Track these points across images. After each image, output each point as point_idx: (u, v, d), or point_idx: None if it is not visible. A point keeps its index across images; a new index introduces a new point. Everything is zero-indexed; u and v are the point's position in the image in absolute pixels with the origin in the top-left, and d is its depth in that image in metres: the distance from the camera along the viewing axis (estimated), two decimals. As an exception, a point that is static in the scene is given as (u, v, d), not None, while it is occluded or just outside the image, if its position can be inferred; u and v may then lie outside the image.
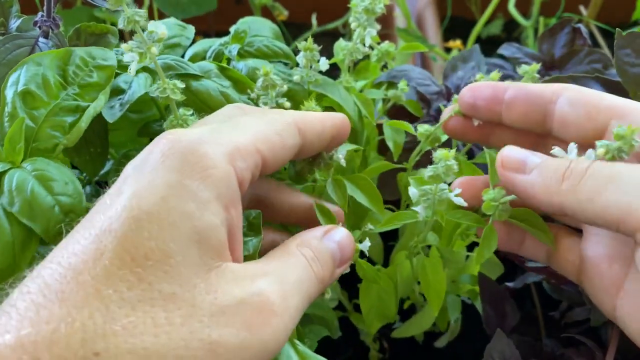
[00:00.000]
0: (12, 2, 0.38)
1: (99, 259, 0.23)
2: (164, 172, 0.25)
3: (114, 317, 0.22)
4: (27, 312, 0.22)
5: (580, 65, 0.51)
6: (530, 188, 0.30)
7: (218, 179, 0.25)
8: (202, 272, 0.24)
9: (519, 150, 0.31)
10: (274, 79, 0.36)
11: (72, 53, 0.34)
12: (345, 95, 0.41)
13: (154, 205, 0.24)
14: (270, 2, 0.84)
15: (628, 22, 0.85)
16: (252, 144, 0.28)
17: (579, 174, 0.28)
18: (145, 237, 0.23)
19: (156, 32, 0.32)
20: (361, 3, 0.40)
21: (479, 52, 0.53)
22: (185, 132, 0.27)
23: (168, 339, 0.22)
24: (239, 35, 0.42)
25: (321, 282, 0.29)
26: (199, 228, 0.24)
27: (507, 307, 0.42)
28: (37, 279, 0.23)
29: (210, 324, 0.23)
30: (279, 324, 0.25)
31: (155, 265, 0.23)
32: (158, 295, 0.23)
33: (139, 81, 0.35)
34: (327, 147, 0.34)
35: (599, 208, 0.27)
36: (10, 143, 0.30)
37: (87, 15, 0.78)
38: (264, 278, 0.26)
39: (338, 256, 0.30)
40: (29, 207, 0.29)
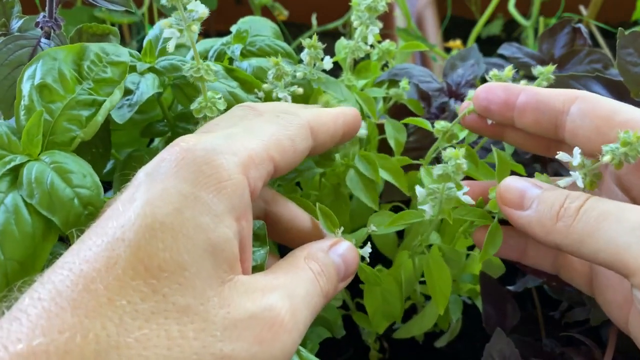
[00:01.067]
0: (13, 3, 0.38)
1: (112, 268, 0.23)
2: (177, 182, 0.25)
3: (127, 328, 0.22)
4: (39, 320, 0.21)
5: (581, 65, 0.51)
6: (527, 225, 0.30)
7: (232, 191, 0.25)
8: (215, 284, 0.24)
9: (518, 182, 0.31)
10: (285, 67, 0.36)
11: (86, 49, 0.34)
12: (347, 94, 0.41)
13: (167, 215, 0.24)
14: (270, 2, 0.84)
15: (628, 22, 0.85)
16: (265, 150, 0.28)
17: (572, 214, 0.28)
18: (160, 248, 0.23)
19: (196, 11, 0.31)
20: (363, 1, 0.40)
21: (477, 51, 0.53)
22: (199, 140, 0.27)
23: (181, 352, 0.22)
24: (241, 35, 0.42)
25: (325, 297, 0.29)
26: (213, 241, 0.24)
27: (507, 307, 0.42)
28: (48, 285, 0.23)
29: (223, 339, 0.23)
30: (288, 339, 0.25)
31: (170, 277, 0.23)
32: (172, 308, 0.23)
33: (146, 82, 0.36)
34: (340, 142, 0.34)
35: (591, 250, 0.27)
36: (28, 135, 0.30)
37: (87, 15, 0.78)
38: (275, 292, 0.26)
39: (342, 270, 0.30)
40: (48, 199, 0.29)
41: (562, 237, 0.28)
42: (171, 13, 0.32)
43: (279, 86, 0.37)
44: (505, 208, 0.31)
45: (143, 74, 0.37)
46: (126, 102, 0.35)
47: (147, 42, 0.39)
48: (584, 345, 0.39)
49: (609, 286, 0.32)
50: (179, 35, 0.32)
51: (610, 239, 0.26)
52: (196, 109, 0.34)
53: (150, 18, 0.82)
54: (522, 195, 0.30)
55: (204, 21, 0.33)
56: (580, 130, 0.31)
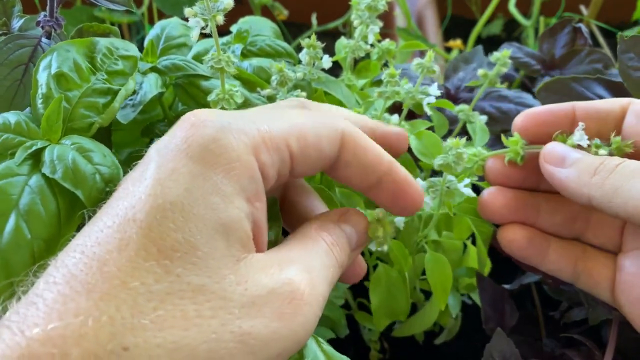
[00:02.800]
0: (14, 2, 0.38)
1: (124, 249, 0.22)
2: (187, 161, 0.25)
3: (142, 310, 0.21)
4: (55, 304, 0.21)
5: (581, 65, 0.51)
6: (565, 180, 0.31)
7: (241, 172, 0.25)
8: (230, 263, 0.24)
9: (561, 146, 0.33)
10: (289, 73, 0.36)
11: (97, 43, 0.34)
12: (347, 93, 0.41)
13: (178, 196, 0.24)
14: (270, 1, 0.84)
15: (628, 21, 0.85)
16: (282, 137, 0.27)
17: (609, 170, 0.30)
18: (171, 228, 0.23)
19: (221, 2, 0.32)
20: (363, 0, 0.40)
21: (481, 54, 0.53)
22: (210, 115, 0.26)
23: (198, 332, 0.22)
24: (242, 34, 0.42)
25: (341, 267, 0.28)
26: (224, 220, 0.24)
27: (506, 307, 0.42)
28: (62, 269, 0.22)
29: (241, 316, 0.23)
30: (309, 312, 0.24)
31: (183, 257, 0.23)
32: (187, 287, 0.22)
33: (149, 82, 0.36)
34: (376, 196, 0.32)
35: (620, 200, 0.28)
36: (48, 122, 0.31)
37: (87, 14, 0.78)
38: (292, 265, 0.25)
39: (354, 239, 0.30)
40: (71, 174, 0.29)
41: (596, 188, 0.30)
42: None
43: (282, 91, 0.37)
44: (546, 165, 0.32)
45: (145, 73, 0.37)
46: (129, 102, 0.35)
47: (148, 41, 0.39)
48: (584, 346, 0.39)
49: (635, 284, 0.32)
50: (203, 24, 0.32)
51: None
52: (213, 101, 0.34)
53: (150, 18, 0.82)
54: (565, 155, 0.32)
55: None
56: (633, 130, 0.33)
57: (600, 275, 0.34)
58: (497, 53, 0.40)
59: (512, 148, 0.34)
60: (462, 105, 0.42)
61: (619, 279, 0.33)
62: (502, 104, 0.49)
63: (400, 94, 0.38)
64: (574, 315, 0.42)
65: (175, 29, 0.41)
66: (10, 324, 0.21)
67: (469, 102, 0.50)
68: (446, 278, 0.37)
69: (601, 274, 0.34)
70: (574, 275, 0.35)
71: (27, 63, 0.35)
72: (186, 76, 0.37)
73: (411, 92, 0.38)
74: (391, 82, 0.38)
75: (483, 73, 0.40)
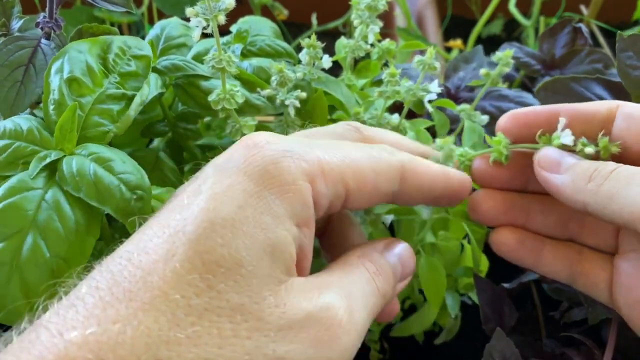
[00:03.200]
0: (13, 3, 0.38)
1: (170, 260, 0.22)
2: (243, 180, 0.25)
3: (179, 324, 0.21)
4: (95, 309, 0.21)
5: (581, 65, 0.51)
6: (560, 186, 0.31)
7: (294, 196, 0.25)
8: (272, 284, 0.24)
9: (556, 151, 0.32)
10: (289, 74, 0.36)
11: (111, 42, 0.34)
12: (347, 93, 0.41)
13: (230, 212, 0.24)
14: (270, 1, 0.84)
15: (629, 21, 0.85)
16: (340, 170, 0.27)
17: (604, 176, 0.29)
18: (219, 243, 0.23)
19: (223, 2, 0.32)
20: (363, 0, 0.40)
21: (481, 53, 0.53)
22: (272, 138, 0.26)
23: (232, 351, 0.22)
24: (241, 34, 0.42)
25: (383, 297, 0.28)
26: (273, 241, 0.24)
27: (505, 308, 0.42)
28: (106, 274, 0.22)
29: (277, 339, 0.22)
30: (347, 341, 0.24)
31: (227, 273, 0.23)
32: (226, 305, 0.22)
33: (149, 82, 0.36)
34: (433, 203, 0.32)
35: (616, 207, 0.28)
36: (62, 131, 0.30)
37: (86, 15, 0.78)
38: (331, 291, 0.25)
39: (399, 271, 0.30)
40: (95, 190, 0.29)
41: (591, 194, 0.29)
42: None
43: (282, 91, 0.37)
44: (541, 171, 0.32)
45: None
46: (130, 103, 0.35)
47: (148, 41, 0.39)
48: (584, 346, 0.39)
49: (633, 287, 0.32)
50: (205, 24, 0.32)
51: (638, 193, 0.27)
52: (214, 101, 0.34)
53: (149, 18, 0.82)
54: (559, 161, 0.32)
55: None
56: (624, 134, 0.32)
57: (597, 277, 0.34)
58: (500, 53, 0.39)
59: (496, 148, 0.33)
60: (464, 104, 0.42)
61: (616, 281, 0.33)
62: (502, 104, 0.49)
63: (400, 93, 0.38)
64: (573, 315, 0.42)
65: (175, 29, 0.41)
66: (49, 324, 0.21)
67: (469, 101, 0.50)
68: (440, 283, 0.37)
69: (598, 276, 0.34)
70: (570, 277, 0.35)
71: (27, 64, 0.35)
72: (186, 76, 0.37)
73: (412, 90, 0.38)
74: (391, 81, 0.38)
75: (485, 72, 0.40)
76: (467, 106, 0.42)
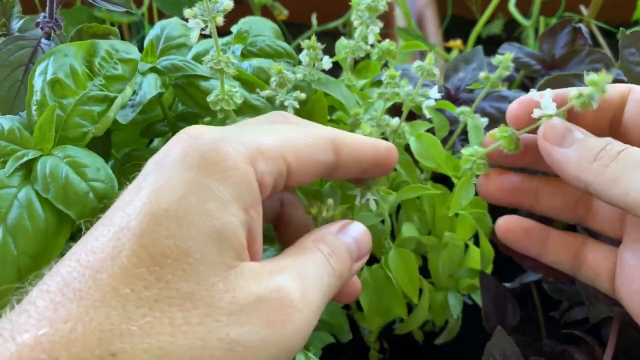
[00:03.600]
0: (13, 3, 0.38)
1: (117, 256, 0.23)
2: (183, 170, 0.25)
3: (131, 317, 0.22)
4: (46, 311, 0.22)
5: (581, 65, 0.51)
6: (564, 161, 0.30)
7: (238, 180, 0.25)
8: (220, 270, 0.24)
9: (563, 123, 0.32)
10: (288, 75, 0.36)
11: (97, 45, 0.34)
12: (347, 94, 0.41)
13: (172, 203, 0.24)
14: (270, 1, 0.84)
15: (629, 21, 0.85)
16: (278, 149, 0.27)
17: (611, 157, 0.29)
18: (164, 235, 0.23)
19: (221, 3, 0.32)
20: (363, 1, 0.40)
21: (481, 54, 0.53)
22: (208, 129, 0.27)
23: (185, 338, 0.22)
24: (242, 35, 0.42)
25: (340, 278, 0.28)
26: (218, 227, 0.24)
27: (508, 306, 0.42)
28: (56, 277, 0.23)
29: (229, 323, 0.23)
30: (300, 319, 0.24)
31: (174, 264, 0.23)
32: (176, 294, 0.23)
33: (149, 82, 0.36)
34: (367, 173, 0.33)
35: (621, 190, 0.28)
36: (41, 130, 0.31)
37: (86, 15, 0.78)
38: (283, 273, 0.25)
39: (355, 251, 0.30)
40: (63, 193, 0.29)
41: (596, 175, 0.29)
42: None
43: (282, 92, 0.37)
44: (545, 143, 0.31)
45: (145, 74, 0.37)
46: (129, 103, 0.35)
47: (148, 42, 0.39)
48: (584, 344, 0.39)
49: (635, 276, 0.32)
50: (203, 25, 0.32)
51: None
52: (213, 101, 0.34)
53: (149, 18, 0.82)
54: (566, 134, 0.31)
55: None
56: (634, 118, 0.32)
57: (600, 267, 0.34)
58: (500, 56, 0.39)
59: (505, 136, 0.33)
60: (464, 107, 0.42)
61: (619, 271, 0.33)
62: (502, 105, 0.49)
63: (400, 95, 0.38)
64: (574, 314, 0.42)
65: (175, 29, 0.41)
66: (2, 331, 0.21)
67: (469, 102, 0.50)
68: (412, 272, 0.37)
69: (601, 266, 0.34)
70: (573, 267, 0.35)
71: (27, 64, 0.35)
72: (186, 77, 0.37)
73: (411, 95, 0.38)
74: (391, 83, 0.38)
75: (485, 76, 0.40)
76: (467, 109, 0.42)
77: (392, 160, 0.33)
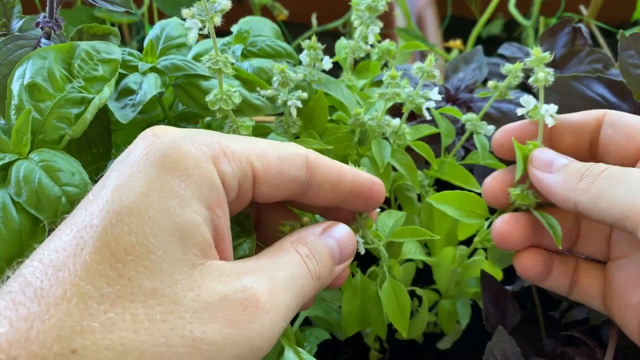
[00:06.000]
0: (14, 3, 0.38)
1: (79, 254, 0.23)
2: (145, 167, 0.25)
3: (92, 313, 0.22)
4: (6, 311, 0.22)
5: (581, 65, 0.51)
6: (553, 185, 0.32)
7: (199, 178, 0.25)
8: (184, 268, 0.24)
9: (549, 152, 0.34)
10: (290, 74, 0.36)
11: (76, 47, 0.34)
12: (347, 94, 0.41)
13: (134, 200, 0.24)
14: (270, 1, 0.84)
15: (628, 22, 0.85)
16: (243, 153, 0.27)
17: (595, 175, 0.30)
18: (126, 232, 0.23)
19: (219, 3, 0.31)
20: (363, 1, 0.40)
21: (481, 54, 0.53)
22: (171, 129, 0.27)
23: (148, 335, 0.22)
24: (242, 35, 0.42)
25: (318, 280, 0.28)
26: (180, 224, 0.24)
27: (508, 306, 0.42)
28: (19, 278, 0.23)
29: (193, 320, 0.23)
30: (266, 320, 0.24)
31: (136, 260, 0.23)
32: (138, 291, 0.22)
33: (149, 81, 0.36)
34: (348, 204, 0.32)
35: (606, 204, 0.29)
36: (18, 134, 0.31)
37: (86, 15, 0.78)
38: (251, 274, 0.25)
39: (337, 253, 0.30)
40: (36, 197, 0.29)
41: (582, 193, 0.30)
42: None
43: (284, 92, 0.37)
44: (534, 170, 0.33)
45: (145, 73, 0.37)
46: (129, 102, 0.35)
47: (148, 41, 0.39)
48: (584, 345, 0.39)
49: (624, 292, 0.33)
50: (200, 25, 0.32)
51: (627, 191, 0.28)
52: (211, 101, 0.34)
53: (150, 18, 0.82)
54: (552, 161, 0.33)
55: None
56: (610, 140, 0.33)
57: (590, 286, 0.35)
58: (509, 65, 0.39)
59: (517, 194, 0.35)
60: (470, 114, 0.42)
61: (608, 288, 0.34)
62: (501, 104, 0.49)
63: (400, 95, 0.38)
64: (575, 314, 0.42)
65: (175, 29, 0.41)
66: None
67: (468, 102, 0.50)
68: (404, 308, 0.37)
69: (591, 285, 0.35)
70: (569, 290, 0.36)
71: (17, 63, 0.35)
72: (186, 76, 0.37)
73: (411, 96, 0.38)
74: (392, 83, 0.38)
75: (494, 85, 0.40)
76: (474, 116, 0.41)
77: (377, 195, 0.32)
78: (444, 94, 0.50)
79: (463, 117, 0.42)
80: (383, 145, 0.39)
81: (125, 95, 0.35)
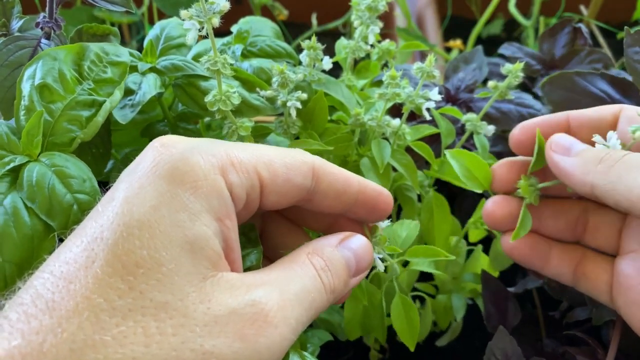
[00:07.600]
0: (14, 3, 0.38)
1: (90, 267, 0.23)
2: (154, 180, 0.25)
3: (104, 326, 0.22)
4: (19, 324, 0.22)
5: (581, 65, 0.51)
6: (570, 168, 0.32)
7: (208, 190, 0.25)
8: (195, 281, 0.24)
9: (568, 137, 0.34)
10: (290, 75, 0.36)
11: (86, 48, 0.34)
12: (347, 94, 0.41)
13: (144, 213, 0.24)
14: (270, 1, 0.84)
15: (628, 22, 0.85)
16: (251, 162, 0.27)
17: (615, 159, 0.30)
18: (137, 245, 0.23)
19: (217, 4, 0.31)
20: (363, 1, 0.40)
21: (481, 54, 0.53)
22: (179, 139, 0.27)
23: (159, 348, 0.22)
24: (242, 35, 0.42)
25: (331, 293, 0.28)
26: (191, 237, 0.24)
27: (509, 306, 0.42)
28: (30, 290, 0.23)
29: (203, 334, 0.23)
30: (274, 335, 0.24)
31: (147, 274, 0.23)
32: (149, 304, 0.22)
33: (148, 82, 0.36)
34: (353, 213, 0.31)
35: (624, 188, 0.29)
36: (28, 136, 0.30)
37: (86, 15, 0.78)
38: (262, 288, 0.25)
39: (354, 265, 0.29)
40: (48, 204, 0.29)
41: (600, 176, 0.30)
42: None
43: (283, 93, 0.37)
44: (552, 153, 0.34)
45: (144, 74, 0.37)
46: (128, 102, 0.35)
47: (147, 42, 0.39)
48: (585, 345, 0.39)
49: (631, 287, 0.33)
50: (199, 27, 0.32)
51: None
52: (210, 102, 0.34)
53: (150, 18, 0.82)
54: (571, 145, 0.33)
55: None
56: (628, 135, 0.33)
57: (598, 278, 0.35)
58: (509, 65, 0.39)
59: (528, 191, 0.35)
60: (470, 114, 0.42)
61: (616, 282, 0.34)
62: (502, 105, 0.49)
63: (400, 95, 0.38)
64: (576, 315, 0.42)
65: (174, 29, 0.41)
66: None
67: (468, 102, 0.50)
68: (413, 323, 0.37)
69: (599, 277, 0.35)
70: (574, 279, 0.36)
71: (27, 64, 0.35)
72: (185, 76, 0.37)
73: (411, 96, 0.38)
74: (392, 83, 0.38)
75: (494, 85, 0.40)
76: (474, 116, 0.41)
77: (383, 206, 0.32)
78: (444, 94, 0.50)
79: (463, 117, 0.42)
80: (383, 146, 0.39)
81: (125, 95, 0.35)
